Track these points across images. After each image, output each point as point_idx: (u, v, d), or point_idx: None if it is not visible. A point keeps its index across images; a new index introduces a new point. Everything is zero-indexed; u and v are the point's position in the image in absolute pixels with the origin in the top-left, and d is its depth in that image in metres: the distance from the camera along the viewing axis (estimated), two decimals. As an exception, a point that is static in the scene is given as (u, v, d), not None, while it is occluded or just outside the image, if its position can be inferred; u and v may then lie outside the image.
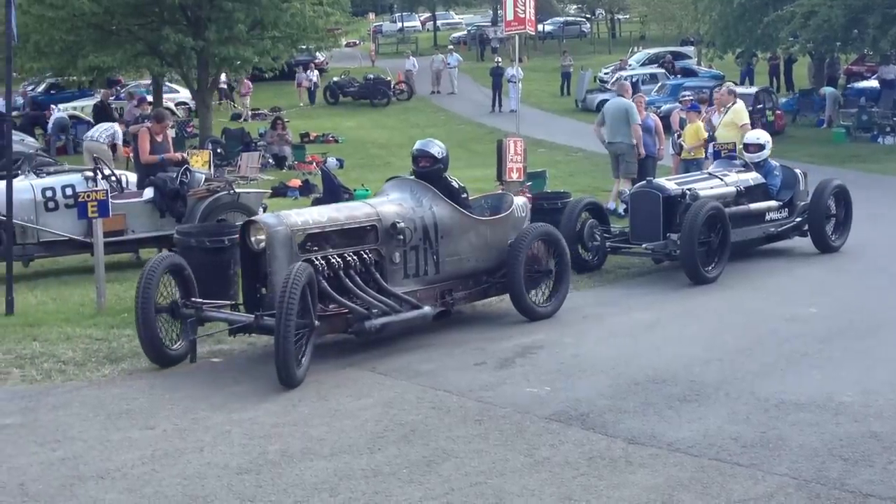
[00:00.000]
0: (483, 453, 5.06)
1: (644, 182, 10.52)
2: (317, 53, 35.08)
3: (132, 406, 5.96)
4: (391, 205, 7.46)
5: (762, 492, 4.51)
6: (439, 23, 63.29)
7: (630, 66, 37.90)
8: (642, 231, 9.95)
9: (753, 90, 26.62)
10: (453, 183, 7.95)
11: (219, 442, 5.29)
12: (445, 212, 7.65)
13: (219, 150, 20.91)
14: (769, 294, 9.08)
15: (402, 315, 7.10)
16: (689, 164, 13.22)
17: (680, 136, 13.80)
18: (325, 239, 6.95)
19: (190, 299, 6.92)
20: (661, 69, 35.82)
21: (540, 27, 49.33)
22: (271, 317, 6.26)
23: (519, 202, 8.60)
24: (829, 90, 28.18)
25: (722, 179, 10.52)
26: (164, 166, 11.38)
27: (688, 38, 44.31)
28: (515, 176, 11.56)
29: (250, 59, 22.63)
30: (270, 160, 22.11)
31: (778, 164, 11.28)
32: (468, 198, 8.14)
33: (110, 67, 22.65)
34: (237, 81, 31.59)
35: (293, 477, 4.78)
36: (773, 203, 10.80)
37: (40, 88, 32.12)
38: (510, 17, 12.73)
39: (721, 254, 9.62)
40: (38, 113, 27.27)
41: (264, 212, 10.52)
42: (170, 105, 27.46)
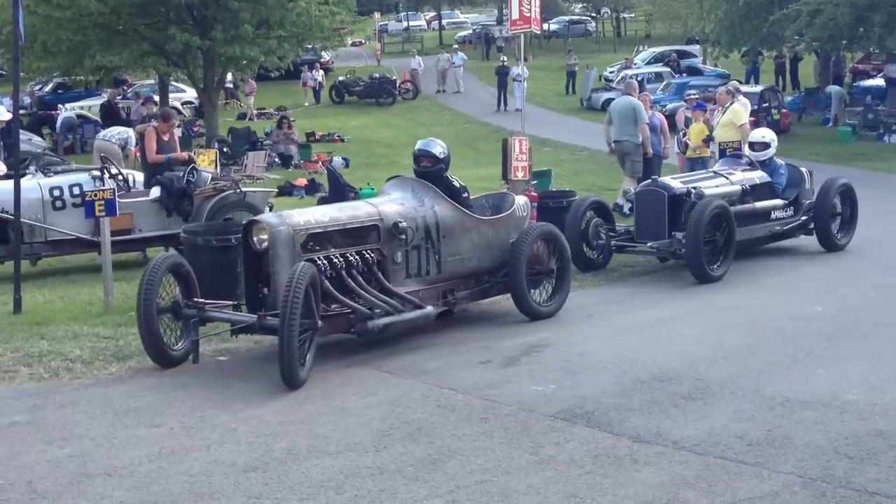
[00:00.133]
0: (488, 451, 5.07)
1: (649, 181, 10.52)
2: (322, 53, 35.11)
3: (139, 404, 5.98)
4: (393, 204, 7.45)
5: (768, 490, 4.51)
6: (445, 22, 63.29)
7: (635, 64, 37.87)
8: (647, 230, 9.95)
9: (759, 89, 26.60)
10: (454, 182, 7.93)
11: (225, 440, 5.32)
12: (447, 211, 7.64)
13: (225, 149, 20.93)
14: (774, 292, 9.08)
15: (404, 315, 7.08)
16: (695, 163, 13.23)
17: (685, 135, 13.80)
18: (327, 239, 6.94)
19: (192, 299, 6.91)
20: (667, 68, 35.79)
21: (545, 26, 49.36)
22: (274, 317, 6.26)
23: (520, 201, 8.59)
24: (834, 89, 28.13)
25: (727, 178, 10.52)
26: (170, 165, 11.43)
27: (693, 36, 44.20)
28: (521, 175, 11.56)
29: (256, 58, 22.67)
30: (276, 159, 22.13)
31: (783, 162, 11.28)
32: (469, 197, 8.12)
33: (117, 67, 22.71)
34: (243, 80, 31.61)
35: (299, 475, 4.80)
36: (778, 202, 10.79)
37: (47, 88, 32.20)
38: (515, 16, 12.73)
39: (726, 252, 9.61)
40: (45, 113, 27.31)
41: (270, 211, 10.54)
42: (176, 104, 27.50)
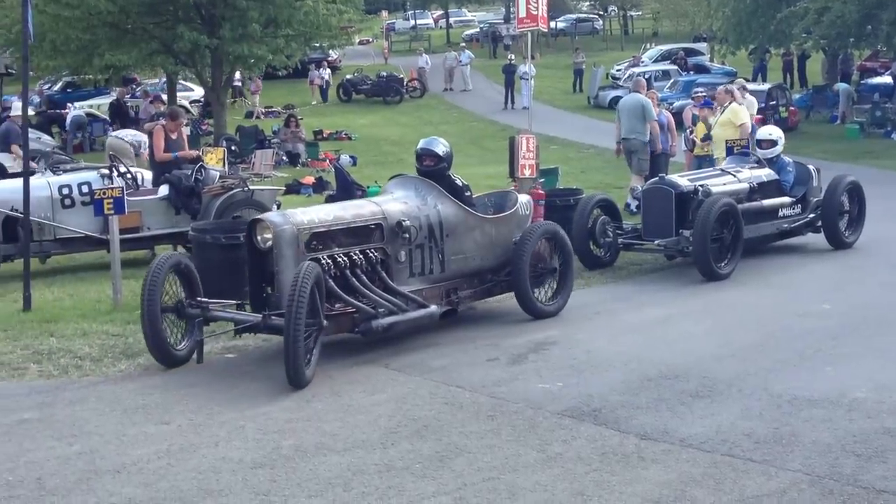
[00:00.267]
0: (495, 449, 5.08)
1: (656, 178, 10.52)
2: (330, 51, 35.15)
3: (148, 401, 6.01)
4: (396, 203, 7.40)
5: (775, 488, 4.51)
6: (452, 20, 63.27)
7: (643, 62, 37.82)
8: (655, 227, 9.94)
9: (767, 86, 26.57)
10: (457, 181, 7.90)
11: (233, 437, 5.33)
12: (450, 210, 7.62)
13: (233, 147, 20.98)
14: (782, 290, 9.07)
15: (409, 314, 7.05)
16: (702, 161, 13.20)
17: (692, 133, 13.79)
18: (331, 238, 6.90)
19: (195, 299, 6.89)
20: (674, 66, 35.74)
21: (552, 24, 49.20)
22: (279, 316, 6.24)
23: (523, 200, 8.57)
24: (842, 86, 28.06)
25: (735, 176, 10.50)
26: (178, 164, 11.46)
27: (700, 34, 44.16)
28: (528, 173, 11.56)
29: (264, 57, 22.72)
30: (284, 157, 22.18)
31: (791, 160, 11.26)
32: (472, 196, 8.08)
33: (125, 66, 22.79)
34: (250, 79, 31.68)
35: (307, 472, 4.82)
36: (786, 199, 10.77)
37: (56, 87, 32.31)
38: (523, 14, 12.73)
39: (734, 250, 9.60)
40: (55, 112, 27.40)
41: (278, 209, 10.56)
42: (184, 103, 27.57)
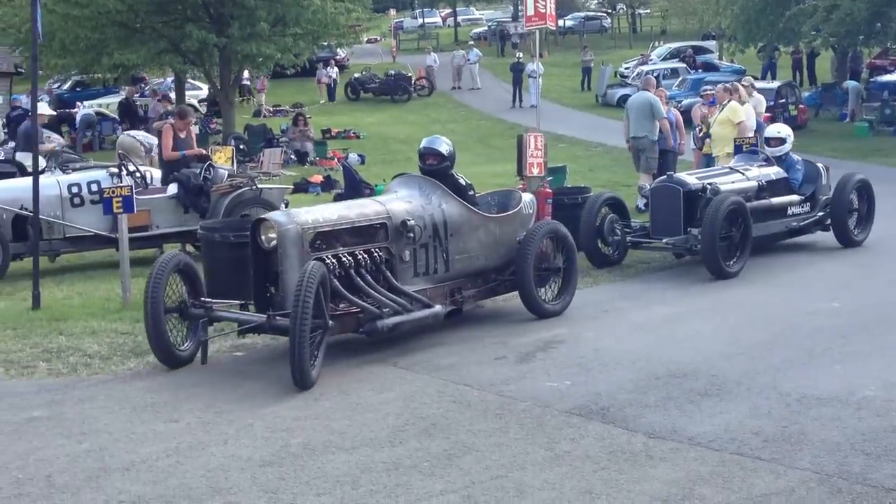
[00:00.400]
0: (503, 447, 5.08)
1: (665, 177, 10.50)
2: (338, 50, 35.19)
3: (157, 399, 6.02)
4: (401, 202, 7.37)
5: (784, 486, 4.50)
6: (460, 19, 63.27)
7: (652, 60, 37.76)
8: (663, 226, 9.93)
9: (776, 84, 26.50)
10: (460, 180, 7.87)
11: (242, 435, 5.34)
12: (455, 209, 7.59)
13: (241, 146, 21.03)
14: (791, 289, 9.05)
15: (414, 314, 7.02)
16: (710, 159, 13.18)
17: (701, 131, 13.77)
18: (335, 237, 6.86)
19: (198, 299, 6.88)
20: (683, 64, 35.67)
21: (560, 22, 49.18)
22: (284, 317, 6.23)
23: (526, 198, 8.53)
24: (851, 84, 27.97)
25: (743, 174, 10.48)
26: (186, 162, 11.49)
27: (709, 32, 44.08)
28: (536, 171, 11.55)
29: (272, 55, 22.75)
30: (292, 156, 22.21)
31: (800, 158, 11.23)
32: (475, 195, 8.06)
33: (134, 65, 22.84)
34: (256, 78, 31.73)
35: (315, 469, 4.83)
36: (795, 197, 10.75)
37: (66, 86, 32.40)
38: (531, 12, 12.71)
39: (742, 248, 9.58)
40: (64, 111, 27.48)
41: (286, 207, 10.57)
42: (193, 102, 27.64)
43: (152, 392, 6.18)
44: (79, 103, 28.38)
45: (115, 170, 11.07)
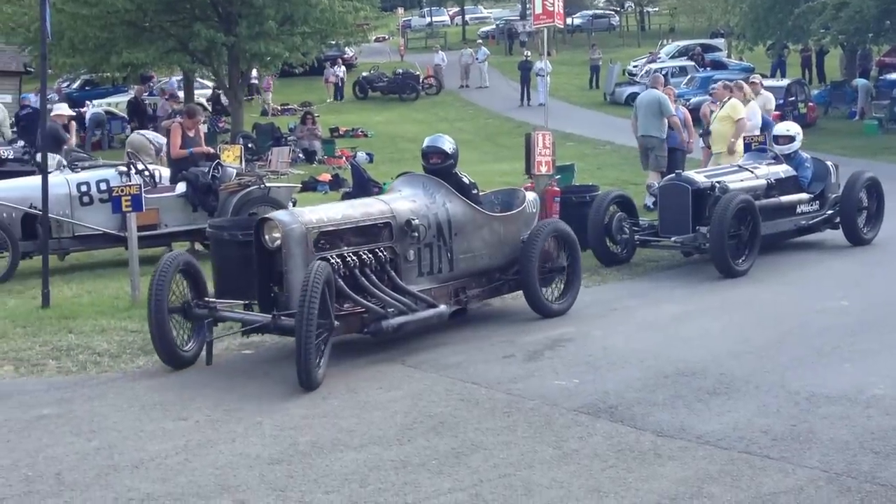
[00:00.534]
0: (511, 445, 5.08)
1: (673, 175, 10.49)
2: (346, 49, 35.21)
3: (165, 397, 6.04)
4: (405, 201, 7.32)
5: (792, 485, 4.49)
6: (468, 17, 63.27)
7: (660, 58, 37.69)
8: (671, 224, 9.91)
9: (786, 82, 26.42)
10: (464, 179, 7.83)
11: (250, 433, 5.36)
12: (459, 208, 7.55)
13: (249, 144, 21.06)
14: (800, 287, 9.02)
15: (418, 314, 6.98)
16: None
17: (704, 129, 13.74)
18: (339, 237, 6.82)
19: (202, 299, 6.86)
20: (691, 62, 35.60)
21: (569, 20, 49.23)
22: (289, 317, 6.21)
23: (530, 197, 8.49)
24: (861, 82, 27.88)
25: (752, 172, 10.46)
26: (195, 161, 11.51)
27: (718, 30, 43.95)
28: (544, 169, 11.53)
29: (280, 54, 22.77)
30: (300, 155, 22.24)
31: (809, 156, 11.20)
32: (479, 194, 8.01)
33: (143, 64, 22.89)
34: (263, 77, 31.77)
35: (323, 468, 4.83)
36: (804, 195, 10.72)
37: (75, 85, 32.51)
38: (539, 10, 12.66)
39: (751, 247, 9.56)
40: (73, 110, 27.56)
41: (294, 206, 10.58)
42: (201, 101, 27.69)
43: (161, 390, 6.20)
44: (88, 102, 28.47)
45: (124, 168, 11.10)
